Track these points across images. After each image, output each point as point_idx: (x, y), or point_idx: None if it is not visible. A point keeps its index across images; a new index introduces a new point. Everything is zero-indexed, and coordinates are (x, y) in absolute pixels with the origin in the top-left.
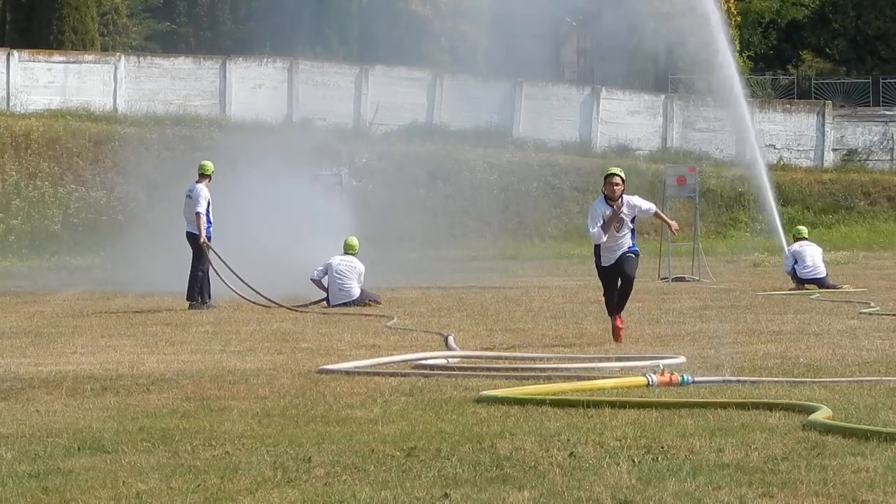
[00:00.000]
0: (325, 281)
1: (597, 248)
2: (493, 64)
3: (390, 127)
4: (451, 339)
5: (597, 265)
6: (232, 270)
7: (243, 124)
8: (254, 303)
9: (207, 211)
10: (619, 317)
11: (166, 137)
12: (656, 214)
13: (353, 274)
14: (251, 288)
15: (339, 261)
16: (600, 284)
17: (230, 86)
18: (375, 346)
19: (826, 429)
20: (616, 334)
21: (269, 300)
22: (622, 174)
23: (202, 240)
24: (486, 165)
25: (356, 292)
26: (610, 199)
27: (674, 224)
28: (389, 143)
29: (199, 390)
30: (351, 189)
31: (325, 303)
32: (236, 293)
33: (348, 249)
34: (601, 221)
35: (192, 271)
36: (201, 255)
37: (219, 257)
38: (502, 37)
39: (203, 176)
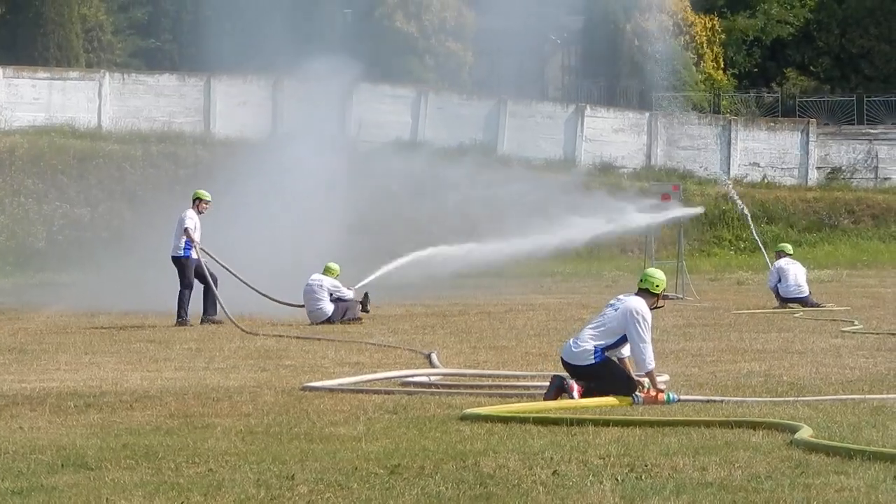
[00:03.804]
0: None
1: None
2: (478, 81)
3: (374, 144)
4: (433, 356)
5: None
6: (231, 272)
7: (227, 141)
8: (263, 294)
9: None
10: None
11: (150, 154)
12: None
13: (321, 292)
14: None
15: (311, 280)
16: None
17: (214, 103)
18: (359, 363)
19: (811, 447)
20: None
21: (276, 300)
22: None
23: (195, 246)
24: (470, 182)
25: (328, 309)
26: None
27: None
28: (373, 160)
29: (182, 407)
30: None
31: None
32: (252, 287)
33: (326, 272)
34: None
35: (179, 292)
36: (184, 276)
37: (216, 261)
38: (487, 54)
39: (195, 202)
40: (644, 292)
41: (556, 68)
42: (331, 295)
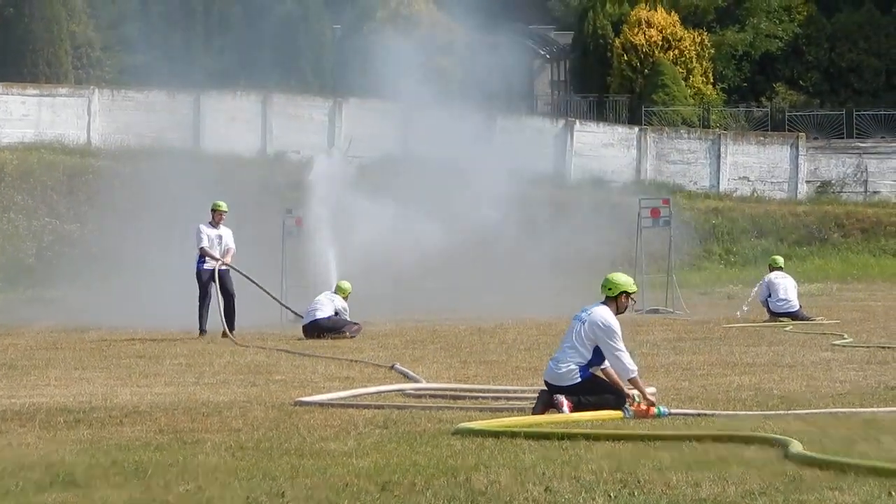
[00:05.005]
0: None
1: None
2: (468, 97)
3: (364, 159)
4: (397, 366)
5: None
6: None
7: (217, 157)
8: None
9: (209, 246)
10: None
11: (140, 171)
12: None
13: (326, 307)
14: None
15: (321, 296)
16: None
17: (204, 119)
18: (349, 378)
19: (806, 461)
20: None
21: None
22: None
23: (217, 264)
24: (458, 197)
25: (328, 311)
26: (618, 310)
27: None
28: (362, 176)
29: (172, 423)
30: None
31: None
32: (269, 295)
33: (338, 291)
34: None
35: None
36: (199, 288)
37: (238, 271)
38: (476, 70)
39: (212, 213)
40: (607, 300)
41: (545, 83)
42: (336, 313)
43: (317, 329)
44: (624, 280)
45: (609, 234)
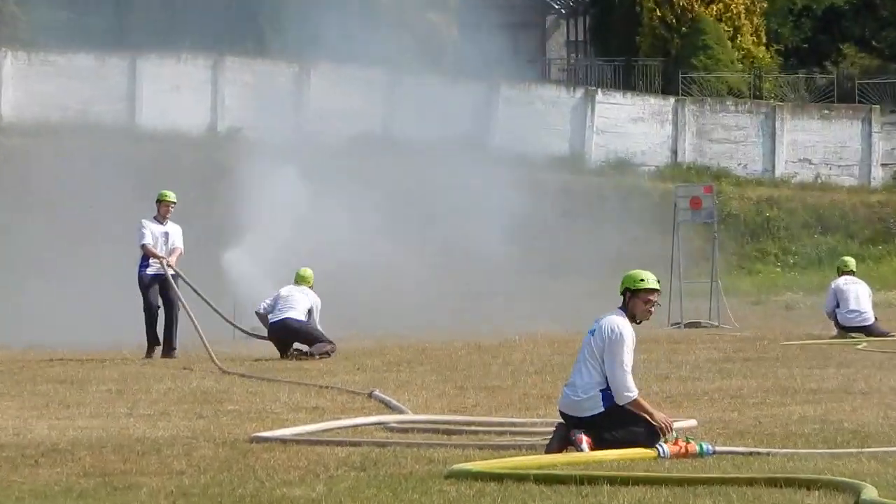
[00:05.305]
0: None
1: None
2: (465, 61)
3: (337, 139)
4: (377, 392)
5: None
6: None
7: (157, 135)
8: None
9: (153, 244)
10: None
11: (62, 151)
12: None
13: (299, 301)
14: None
15: (289, 291)
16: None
17: (141, 88)
18: (319, 408)
19: None
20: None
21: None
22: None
23: (162, 262)
24: (455, 185)
25: (302, 309)
26: (635, 318)
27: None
28: (336, 159)
29: (99, 464)
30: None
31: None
32: (221, 314)
33: (300, 280)
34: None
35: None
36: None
37: (183, 279)
38: (476, 28)
39: (157, 204)
40: (623, 305)
41: (559, 45)
42: (309, 312)
43: (285, 331)
44: (630, 275)
45: (638, 229)
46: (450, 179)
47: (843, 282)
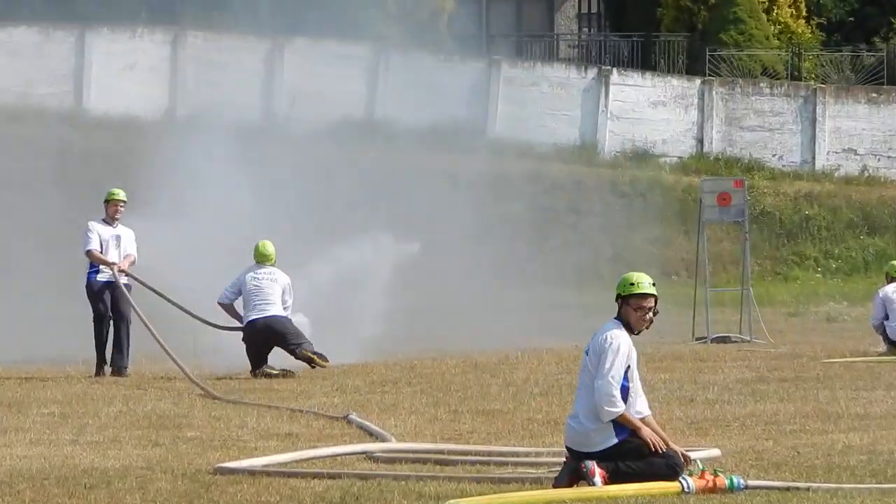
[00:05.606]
0: (239, 305)
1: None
2: (460, 36)
3: (314, 125)
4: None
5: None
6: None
7: (108, 121)
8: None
9: (102, 249)
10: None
11: None
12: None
13: (273, 291)
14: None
15: (253, 275)
16: None
17: (89, 66)
18: (292, 434)
19: None
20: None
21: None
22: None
23: (111, 268)
24: (449, 178)
25: (278, 301)
26: (632, 329)
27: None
28: (313, 147)
29: (41, 498)
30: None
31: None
32: (191, 313)
33: (262, 259)
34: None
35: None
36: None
37: (141, 282)
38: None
39: (105, 205)
40: (617, 318)
41: (569, 18)
42: (284, 302)
43: (268, 332)
44: (622, 278)
45: (658, 229)
46: (443, 172)
47: (892, 290)
